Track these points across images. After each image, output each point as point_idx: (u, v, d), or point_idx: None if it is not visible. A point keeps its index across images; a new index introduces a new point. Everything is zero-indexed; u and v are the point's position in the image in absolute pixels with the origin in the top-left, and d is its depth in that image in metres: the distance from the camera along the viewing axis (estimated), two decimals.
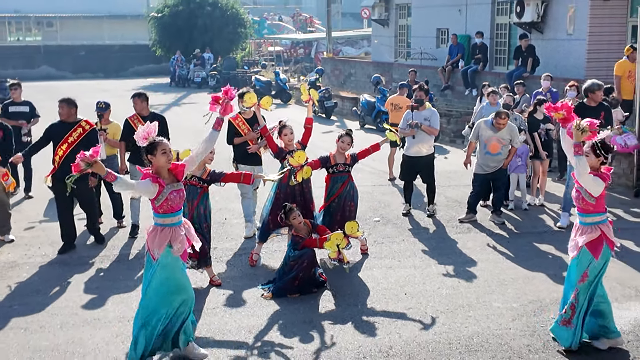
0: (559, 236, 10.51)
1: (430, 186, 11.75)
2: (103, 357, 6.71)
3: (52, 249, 10.00)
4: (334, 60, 31.72)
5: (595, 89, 11.02)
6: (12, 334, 7.22)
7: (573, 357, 6.65)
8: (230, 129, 10.40)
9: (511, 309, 7.85)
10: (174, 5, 40.11)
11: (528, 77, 17.50)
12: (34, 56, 45.99)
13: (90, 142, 9.59)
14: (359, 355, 6.72)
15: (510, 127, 11.01)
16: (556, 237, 10.51)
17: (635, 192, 12.89)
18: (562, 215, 11.10)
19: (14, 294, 8.33)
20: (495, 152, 10.96)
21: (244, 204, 10.57)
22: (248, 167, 9.91)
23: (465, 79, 20.71)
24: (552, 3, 18.52)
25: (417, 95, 11.64)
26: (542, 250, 9.97)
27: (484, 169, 11.14)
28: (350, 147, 9.39)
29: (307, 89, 9.98)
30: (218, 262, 9.39)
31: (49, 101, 13.17)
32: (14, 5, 53.69)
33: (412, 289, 8.46)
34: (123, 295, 8.32)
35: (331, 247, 8.08)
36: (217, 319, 7.60)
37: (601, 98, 11.14)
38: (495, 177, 11.19)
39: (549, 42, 18.74)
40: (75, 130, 9.74)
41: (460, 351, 6.80)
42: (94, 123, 10.88)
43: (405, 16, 26.18)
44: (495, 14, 21.22)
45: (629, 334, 7.15)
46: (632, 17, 17.02)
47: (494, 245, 10.22)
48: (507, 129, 10.93)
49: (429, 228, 11.13)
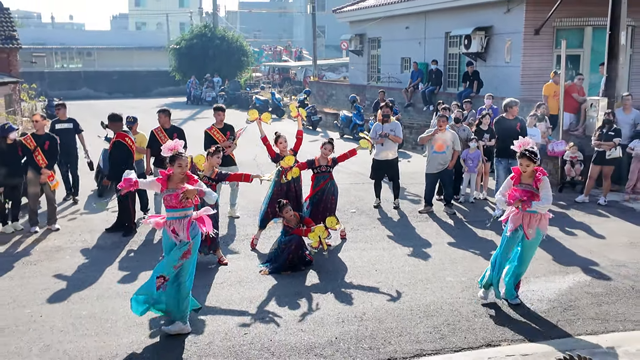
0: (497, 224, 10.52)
1: (395, 184, 11.78)
2: (131, 322, 6.67)
3: (90, 236, 9.93)
4: (319, 83, 31.70)
5: (512, 105, 11.11)
6: (57, 305, 7.18)
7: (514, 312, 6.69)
8: (207, 138, 10.70)
9: (460, 282, 7.88)
10: (190, 39, 40.17)
11: (474, 96, 17.56)
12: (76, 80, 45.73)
13: (119, 150, 9.91)
14: (339, 319, 6.72)
15: (453, 134, 11.11)
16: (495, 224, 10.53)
17: (559, 188, 12.97)
18: (497, 208, 11.14)
19: (60, 272, 8.27)
20: (440, 150, 11.03)
21: (231, 195, 10.97)
22: (225, 168, 9.83)
23: (424, 98, 20.75)
24: (493, 37, 18.60)
25: (385, 112, 11.68)
26: (484, 235, 10.02)
27: (434, 169, 11.19)
28: (331, 153, 9.40)
29: (297, 107, 10.22)
30: (225, 245, 9.36)
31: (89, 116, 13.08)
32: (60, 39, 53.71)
33: (381, 267, 8.47)
34: (149, 272, 8.20)
35: (314, 237, 8.25)
36: (224, 291, 7.58)
37: (517, 112, 11.18)
38: (442, 176, 11.25)
39: (490, 68, 18.83)
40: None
41: (420, 316, 6.81)
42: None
43: (376, 47, 26.18)
44: (447, 46, 21.28)
45: (554, 302, 7.21)
46: (556, 48, 17.11)
47: (446, 231, 10.26)
48: (450, 135, 11.02)
49: (395, 218, 11.14)
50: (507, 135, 10.92)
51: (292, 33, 69.14)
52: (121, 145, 9.93)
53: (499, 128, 11.20)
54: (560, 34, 17.40)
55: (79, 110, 28.37)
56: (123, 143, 9.92)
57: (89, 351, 6.02)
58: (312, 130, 23.14)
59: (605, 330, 6.49)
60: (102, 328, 6.53)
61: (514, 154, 10.90)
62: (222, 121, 10.80)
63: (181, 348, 6.07)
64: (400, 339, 6.25)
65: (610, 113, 12.27)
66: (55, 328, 6.53)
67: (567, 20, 17.33)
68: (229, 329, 6.48)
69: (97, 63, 52.17)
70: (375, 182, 11.88)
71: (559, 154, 12.99)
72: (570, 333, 6.42)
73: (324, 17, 50.04)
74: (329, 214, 9.12)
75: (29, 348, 6.09)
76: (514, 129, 10.84)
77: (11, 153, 10.01)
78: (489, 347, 6.11)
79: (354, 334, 6.35)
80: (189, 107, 34.48)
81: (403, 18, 23.08)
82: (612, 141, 11.79)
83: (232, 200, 11.07)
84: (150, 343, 6.19)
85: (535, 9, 17.14)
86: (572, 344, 6.13)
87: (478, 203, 12.12)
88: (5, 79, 20.53)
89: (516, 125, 10.87)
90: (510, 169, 10.99)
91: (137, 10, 77.92)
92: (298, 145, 9.60)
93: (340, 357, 5.90)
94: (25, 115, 21.44)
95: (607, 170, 11.97)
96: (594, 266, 8.43)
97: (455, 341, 6.22)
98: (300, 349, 6.07)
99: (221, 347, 6.10)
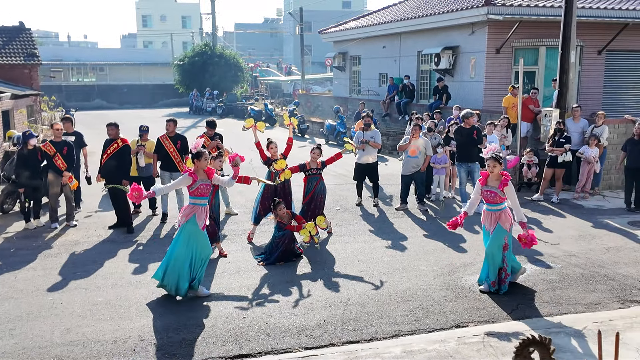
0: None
1: (375, 185, 11.80)
2: (143, 308, 6.64)
3: (104, 231, 9.86)
4: (307, 95, 31.66)
5: (469, 115, 11.20)
6: (76, 293, 7.12)
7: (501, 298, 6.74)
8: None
9: (433, 270, 7.91)
10: (192, 56, 40.04)
11: (443, 107, 17.63)
12: (90, 92, 45.31)
13: (122, 154, 9.91)
14: (326, 304, 6.73)
15: (426, 140, 11.19)
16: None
17: (517, 188, 13.06)
18: (463, 205, 11.21)
19: (77, 264, 8.21)
20: (413, 155, 11.09)
21: (222, 196, 10.76)
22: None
23: (399, 109, 20.78)
24: (459, 56, 18.70)
25: (366, 121, 11.69)
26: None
27: (408, 172, 11.24)
28: (320, 157, 9.41)
29: (289, 117, 10.19)
30: (225, 239, 9.34)
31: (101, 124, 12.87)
32: (76, 56, 53.28)
33: (363, 257, 8.49)
34: (157, 263, 8.18)
35: (305, 234, 8.24)
36: (225, 280, 7.56)
37: (473, 122, 11.25)
38: (415, 178, 11.30)
39: (457, 82, 18.91)
40: (112, 145, 9.99)
41: (397, 301, 6.84)
42: (135, 140, 10.82)
43: (357, 64, 26.20)
44: (420, 63, 21.34)
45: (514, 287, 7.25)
46: (515, 65, 17.23)
47: (420, 226, 10.30)
48: (423, 141, 11.09)
49: (374, 214, 11.16)
50: (465, 142, 11.04)
51: (282, 51, 69.11)
52: (126, 148, 10.04)
53: (458, 136, 11.26)
54: (518, 53, 17.52)
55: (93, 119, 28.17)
56: (128, 146, 10.05)
57: (104, 334, 5.98)
58: (300, 137, 23.11)
59: (559, 312, 6.55)
60: (117, 313, 6.49)
61: (472, 157, 11.09)
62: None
63: (187, 330, 6.05)
64: (380, 321, 6.27)
65: (561, 122, 12.39)
66: (75, 313, 6.48)
67: (524, 41, 17.45)
68: (229, 314, 6.46)
69: (109, 77, 51.80)
70: (357, 183, 11.90)
71: (513, 164, 13.04)
72: (528, 315, 6.47)
73: (311, 37, 50.02)
74: (318, 212, 9.13)
75: (51, 331, 6.04)
76: (471, 136, 10.96)
77: (32, 157, 9.92)
78: (458, 328, 6.14)
79: (340, 317, 6.36)
80: (191, 116, 34.29)
81: (380, 38, 23.13)
82: (563, 147, 11.91)
83: (225, 200, 10.98)
84: (160, 326, 6.16)
85: (496, 31, 17.26)
86: (530, 324, 6.18)
87: (447, 201, 12.18)
88: (27, 92, 20.31)
89: (473, 132, 10.99)
90: (469, 171, 11.14)
91: (144, 30, 77.50)
92: (288, 150, 9.58)
93: (328, 337, 5.91)
94: (45, 124, 21.23)
95: (559, 172, 12.09)
96: (548, 256, 8.51)
97: (429, 323, 6.25)
98: (292, 330, 6.07)
99: (222, 329, 6.08)
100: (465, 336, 5.90)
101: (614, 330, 5.52)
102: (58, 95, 34.34)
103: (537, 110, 14.64)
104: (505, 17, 16.49)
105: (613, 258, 8.42)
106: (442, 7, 19.30)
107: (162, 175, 10.49)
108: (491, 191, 6.95)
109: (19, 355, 5.53)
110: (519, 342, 2.62)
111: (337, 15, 52.02)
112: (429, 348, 5.63)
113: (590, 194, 12.54)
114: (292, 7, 58.84)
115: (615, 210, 11.44)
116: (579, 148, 12.38)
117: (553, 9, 16.82)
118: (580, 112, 13.10)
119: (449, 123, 13.09)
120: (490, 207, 7.02)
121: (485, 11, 16.59)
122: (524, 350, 2.61)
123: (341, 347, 5.71)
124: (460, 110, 14.88)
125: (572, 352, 5.48)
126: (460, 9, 17.73)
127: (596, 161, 12.15)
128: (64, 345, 5.73)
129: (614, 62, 18.79)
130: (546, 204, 11.88)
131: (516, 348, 2.63)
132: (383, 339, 5.90)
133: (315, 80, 41.91)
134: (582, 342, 5.72)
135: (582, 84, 18.29)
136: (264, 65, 50.31)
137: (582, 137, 12.76)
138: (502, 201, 6.95)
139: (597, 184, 12.84)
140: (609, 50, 18.49)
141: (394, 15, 22.91)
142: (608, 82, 18.80)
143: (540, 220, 10.63)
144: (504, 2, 16.74)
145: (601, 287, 7.30)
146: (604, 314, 6.51)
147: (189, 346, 5.71)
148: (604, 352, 3.59)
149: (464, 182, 11.29)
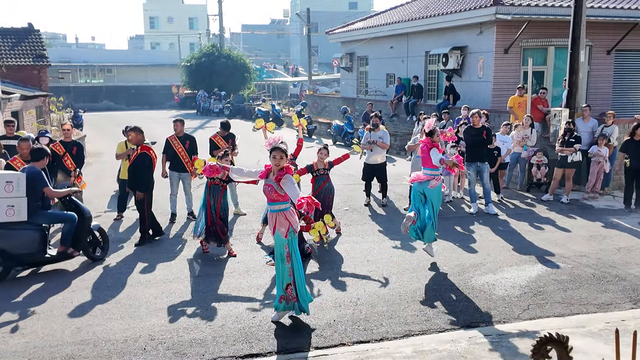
0: (472, 219, 10.58)
1: (383, 185, 11.77)
2: (153, 307, 6.64)
3: (113, 232, 9.87)
4: (314, 96, 31.65)
5: (475, 113, 11.16)
6: (86, 292, 7.13)
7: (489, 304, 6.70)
8: (212, 144, 10.86)
9: (442, 270, 7.87)
10: (199, 58, 40.10)
11: (451, 107, 17.58)
12: (98, 94, 45.63)
13: (142, 160, 9.24)
14: (336, 304, 6.71)
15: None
16: (471, 220, 10.58)
17: (527, 189, 13.03)
18: (472, 205, 11.18)
19: (87, 264, 8.22)
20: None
21: (231, 195, 10.76)
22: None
23: (407, 109, 20.75)
24: (468, 56, 18.64)
25: (374, 121, 11.67)
26: (462, 229, 10.02)
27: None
28: (327, 157, 9.39)
29: (298, 118, 10.16)
30: (234, 239, 9.33)
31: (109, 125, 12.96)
32: (84, 57, 53.43)
33: (372, 257, 8.46)
34: (165, 263, 8.25)
35: (314, 234, 8.12)
36: (234, 279, 7.56)
37: (481, 122, 11.19)
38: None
39: (465, 83, 18.86)
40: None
41: (407, 301, 6.81)
42: (124, 142, 10.65)
43: (364, 65, 26.19)
44: (427, 63, 21.30)
45: (525, 288, 7.21)
46: (523, 65, 17.16)
47: None
48: None
49: (383, 214, 11.13)
50: (475, 142, 10.98)
51: (289, 52, 69.22)
52: (145, 156, 9.74)
53: (467, 137, 11.21)
54: (526, 53, 17.45)
55: (101, 120, 28.31)
56: (147, 155, 9.76)
57: (115, 333, 5.98)
58: (308, 138, 23.08)
59: (570, 312, 6.50)
60: (127, 312, 6.50)
61: (482, 157, 11.03)
62: (225, 133, 10.88)
63: (197, 330, 6.04)
64: (390, 321, 6.24)
65: (571, 122, 12.32)
66: (85, 313, 6.50)
67: (533, 40, 17.38)
68: (239, 313, 6.45)
69: (117, 79, 51.94)
70: (366, 183, 11.87)
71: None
72: (540, 315, 6.43)
73: (318, 38, 50.05)
74: (326, 211, 9.10)
75: (63, 330, 6.05)
76: (480, 136, 10.90)
77: None
78: (469, 328, 6.11)
79: (350, 317, 6.34)
80: (199, 117, 34.36)
81: (388, 39, 23.10)
82: (573, 147, 11.84)
83: (234, 200, 10.97)
84: (170, 326, 6.16)
85: (504, 31, 17.19)
86: (542, 325, 6.14)
87: (456, 201, 12.12)
88: (37, 93, 20.44)
89: (482, 132, 10.92)
90: (478, 171, 11.08)
91: (152, 32, 77.75)
92: (298, 151, 9.53)
93: (338, 337, 5.88)
94: (54, 124, 21.35)
95: (569, 172, 12.02)
96: (559, 256, 8.45)
97: (439, 323, 6.22)
98: (302, 330, 6.05)
99: (233, 329, 6.07)
100: (477, 336, 5.86)
101: (627, 331, 5.47)
102: (66, 97, 34.52)
103: (546, 110, 14.57)
104: (513, 16, 16.42)
105: (624, 258, 8.35)
106: (449, 7, 19.25)
107: (170, 175, 10.48)
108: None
109: (30, 354, 5.54)
110: (536, 340, 2.59)
111: (344, 16, 52.02)
112: (440, 348, 5.60)
113: (600, 194, 12.46)
114: (298, 8, 58.92)
115: (626, 210, 11.36)
116: (589, 148, 12.31)
117: (562, 8, 16.74)
118: (589, 111, 13.03)
119: (458, 123, 13.04)
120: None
121: (493, 11, 16.52)
122: (541, 349, 2.58)
123: (352, 347, 5.68)
124: (468, 111, 14.87)
125: (584, 352, 5.44)
126: (468, 8, 17.68)
127: (606, 161, 12.08)
128: (75, 344, 5.74)
129: (623, 61, 18.68)
130: (556, 204, 11.81)
131: (533, 346, 2.60)
132: (394, 338, 5.87)
133: (323, 81, 41.93)
134: (595, 342, 5.67)
135: (592, 84, 18.18)
136: (271, 67, 50.40)
137: (591, 137, 12.69)
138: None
139: (607, 184, 12.75)
140: (618, 50, 18.38)
141: (401, 15, 22.87)
142: (617, 81, 18.69)
143: (551, 220, 10.57)
144: (513, 1, 16.67)
145: (613, 287, 7.24)
146: (616, 314, 6.45)
147: (199, 345, 5.70)
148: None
149: (473, 182, 11.25)
